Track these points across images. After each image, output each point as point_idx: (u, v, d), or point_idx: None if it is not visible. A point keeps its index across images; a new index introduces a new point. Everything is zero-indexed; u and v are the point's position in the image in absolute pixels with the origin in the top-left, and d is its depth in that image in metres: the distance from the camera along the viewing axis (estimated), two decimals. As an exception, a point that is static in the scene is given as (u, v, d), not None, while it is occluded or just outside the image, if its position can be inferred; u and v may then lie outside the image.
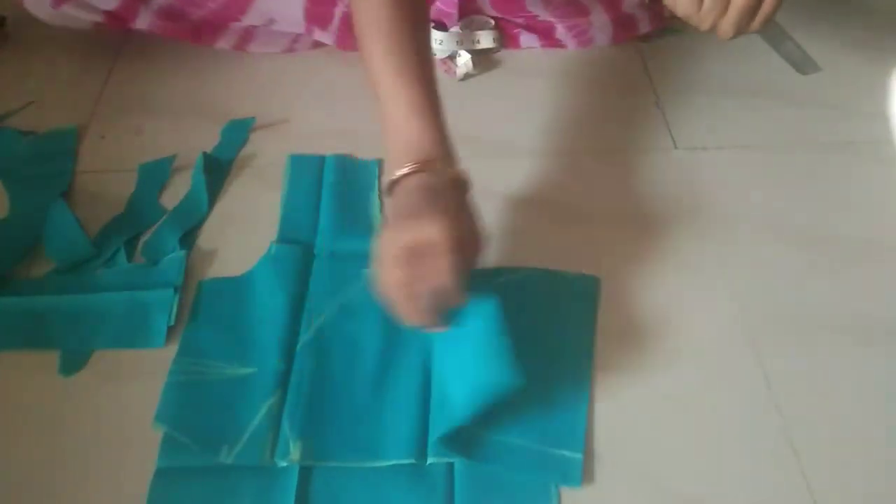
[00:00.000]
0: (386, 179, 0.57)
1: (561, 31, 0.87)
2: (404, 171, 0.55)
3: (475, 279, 0.63)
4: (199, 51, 0.89)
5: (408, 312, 0.53)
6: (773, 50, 0.88)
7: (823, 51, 0.87)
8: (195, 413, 0.55)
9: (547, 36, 0.88)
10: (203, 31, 0.85)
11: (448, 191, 0.55)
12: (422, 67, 0.59)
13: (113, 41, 0.89)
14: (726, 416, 0.56)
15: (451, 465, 0.53)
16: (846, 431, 0.55)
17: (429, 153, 0.56)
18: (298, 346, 0.59)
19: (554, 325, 0.61)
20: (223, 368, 0.58)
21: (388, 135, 0.58)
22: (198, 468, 0.53)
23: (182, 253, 0.65)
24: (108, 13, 0.81)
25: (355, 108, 0.81)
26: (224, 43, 0.86)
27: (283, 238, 0.67)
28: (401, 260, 0.51)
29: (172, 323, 0.61)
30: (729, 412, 0.56)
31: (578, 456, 0.53)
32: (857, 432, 0.55)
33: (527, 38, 0.88)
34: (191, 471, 0.53)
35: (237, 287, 0.64)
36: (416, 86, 0.58)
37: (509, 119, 0.80)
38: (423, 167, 0.55)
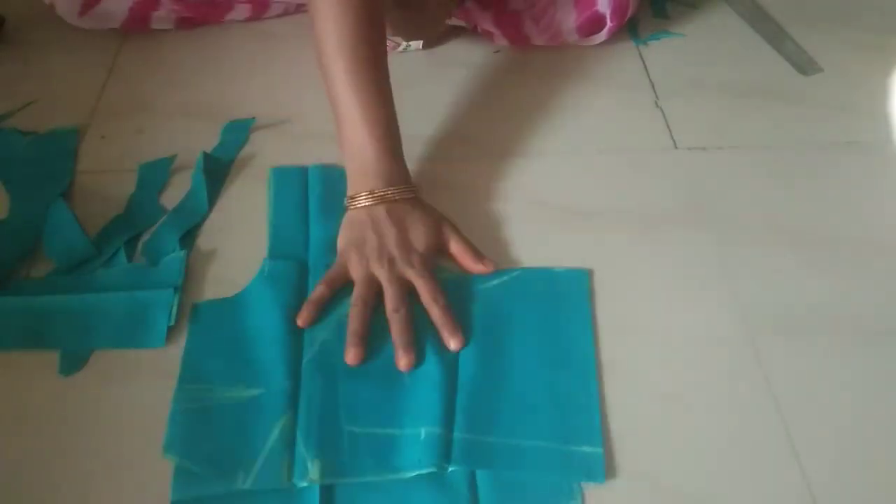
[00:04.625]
0: (347, 194, 0.66)
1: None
2: (362, 197, 0.64)
3: (468, 285, 0.63)
4: (199, 51, 0.89)
5: (354, 338, 0.59)
6: (774, 50, 0.89)
7: (823, 51, 0.88)
8: (205, 440, 0.54)
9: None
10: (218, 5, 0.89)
11: (406, 214, 0.64)
12: (380, 87, 0.66)
13: (113, 41, 0.89)
14: (726, 416, 0.56)
15: (473, 471, 0.53)
16: (846, 431, 0.55)
17: (386, 179, 0.64)
18: (304, 363, 0.58)
19: (550, 321, 0.61)
20: (228, 392, 0.57)
21: (347, 153, 0.66)
22: (214, 496, 0.51)
23: (182, 253, 0.65)
24: (124, 22, 0.87)
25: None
26: (236, 14, 0.90)
27: (275, 254, 0.66)
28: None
29: (172, 323, 0.61)
30: (729, 412, 0.56)
31: (599, 450, 0.53)
32: (857, 432, 0.55)
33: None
34: (207, 500, 0.51)
35: (233, 308, 0.62)
36: (376, 108, 0.65)
37: (508, 119, 0.80)
38: (380, 196, 0.64)
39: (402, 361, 0.57)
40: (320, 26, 0.65)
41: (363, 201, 0.64)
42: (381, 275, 0.61)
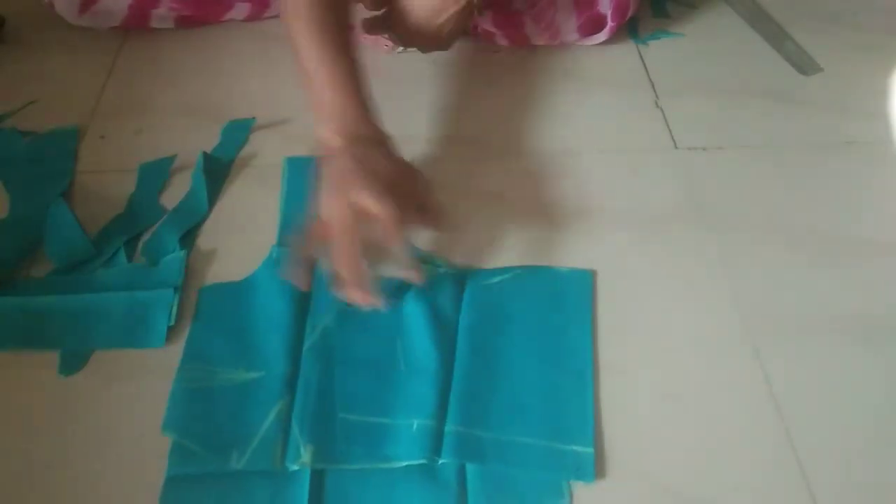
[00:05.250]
0: (315, 147, 0.62)
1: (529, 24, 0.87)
2: (334, 142, 0.60)
3: (468, 280, 0.63)
4: (199, 51, 0.89)
5: (353, 279, 0.56)
6: (774, 50, 0.89)
7: (823, 51, 0.88)
8: (203, 420, 0.55)
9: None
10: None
11: (376, 156, 0.60)
12: (344, 43, 0.65)
13: (113, 41, 0.89)
14: (726, 416, 0.56)
15: (463, 464, 0.53)
16: (846, 431, 0.55)
17: (354, 124, 0.61)
18: (304, 349, 0.59)
19: (550, 320, 0.61)
20: (229, 374, 0.58)
21: (315, 107, 0.64)
22: (208, 475, 0.53)
23: (182, 253, 0.66)
24: (124, 20, 0.87)
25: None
26: (236, 13, 0.90)
27: (284, 241, 0.67)
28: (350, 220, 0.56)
29: (172, 323, 0.61)
30: (729, 412, 0.56)
31: (589, 450, 0.53)
32: (856, 432, 0.55)
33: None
34: (202, 478, 0.52)
35: (239, 292, 0.63)
36: (340, 61, 0.64)
37: (508, 119, 0.80)
38: (350, 139, 0.60)
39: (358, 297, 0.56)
40: None
41: (330, 141, 0.61)
42: (338, 207, 0.56)
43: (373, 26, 0.79)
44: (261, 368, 0.58)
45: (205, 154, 0.73)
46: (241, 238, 0.68)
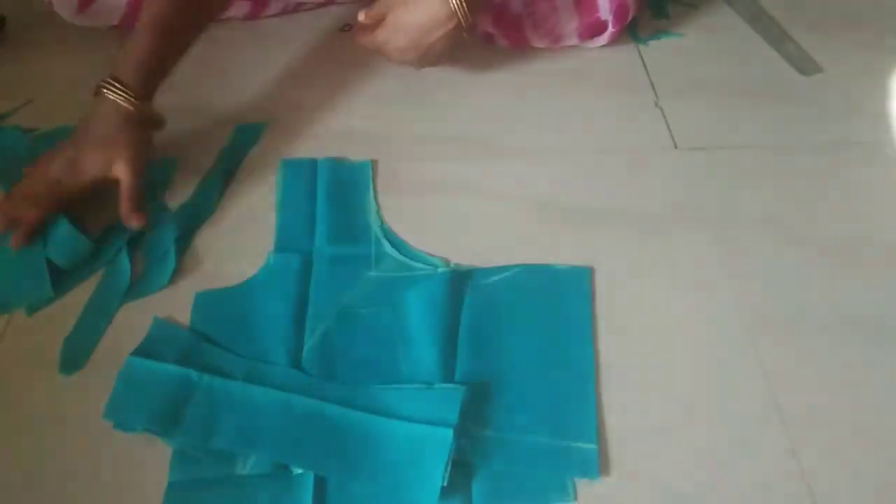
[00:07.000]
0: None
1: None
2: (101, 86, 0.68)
3: (468, 280, 0.63)
4: (198, 51, 0.88)
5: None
6: (774, 50, 0.89)
7: (823, 51, 0.88)
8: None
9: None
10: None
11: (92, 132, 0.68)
12: (160, 28, 0.70)
13: (113, 41, 0.89)
14: (725, 415, 0.56)
15: (467, 464, 0.53)
16: (846, 431, 0.55)
17: (119, 76, 0.68)
18: (304, 352, 0.59)
19: (550, 317, 0.61)
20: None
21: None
22: (211, 479, 0.52)
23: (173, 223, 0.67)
24: (123, 18, 0.87)
25: (357, 109, 0.81)
26: (235, 11, 0.90)
27: (280, 247, 0.67)
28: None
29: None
30: (728, 411, 0.56)
31: (593, 446, 0.53)
32: (857, 432, 0.55)
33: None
34: (204, 482, 0.52)
35: (235, 297, 0.63)
36: (146, 37, 0.70)
37: (508, 119, 0.80)
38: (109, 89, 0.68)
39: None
40: None
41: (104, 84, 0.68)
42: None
43: (365, 41, 0.79)
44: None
45: (221, 154, 0.74)
46: (240, 241, 0.68)
